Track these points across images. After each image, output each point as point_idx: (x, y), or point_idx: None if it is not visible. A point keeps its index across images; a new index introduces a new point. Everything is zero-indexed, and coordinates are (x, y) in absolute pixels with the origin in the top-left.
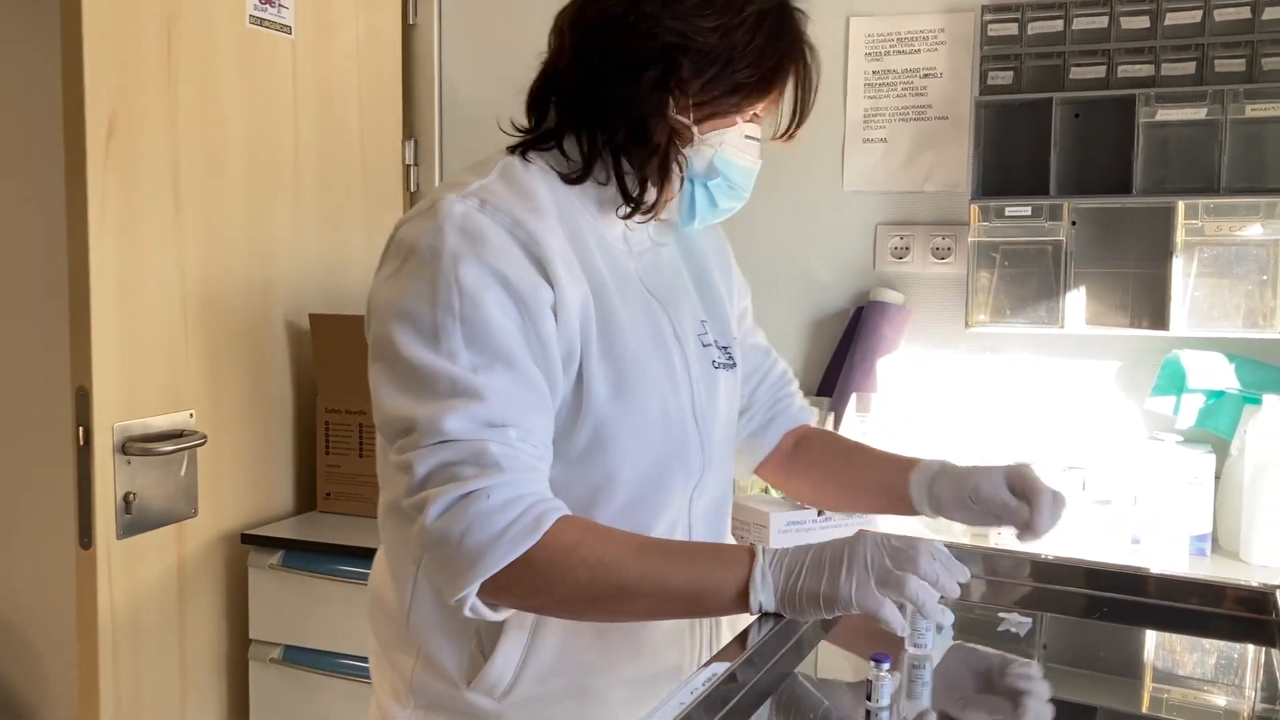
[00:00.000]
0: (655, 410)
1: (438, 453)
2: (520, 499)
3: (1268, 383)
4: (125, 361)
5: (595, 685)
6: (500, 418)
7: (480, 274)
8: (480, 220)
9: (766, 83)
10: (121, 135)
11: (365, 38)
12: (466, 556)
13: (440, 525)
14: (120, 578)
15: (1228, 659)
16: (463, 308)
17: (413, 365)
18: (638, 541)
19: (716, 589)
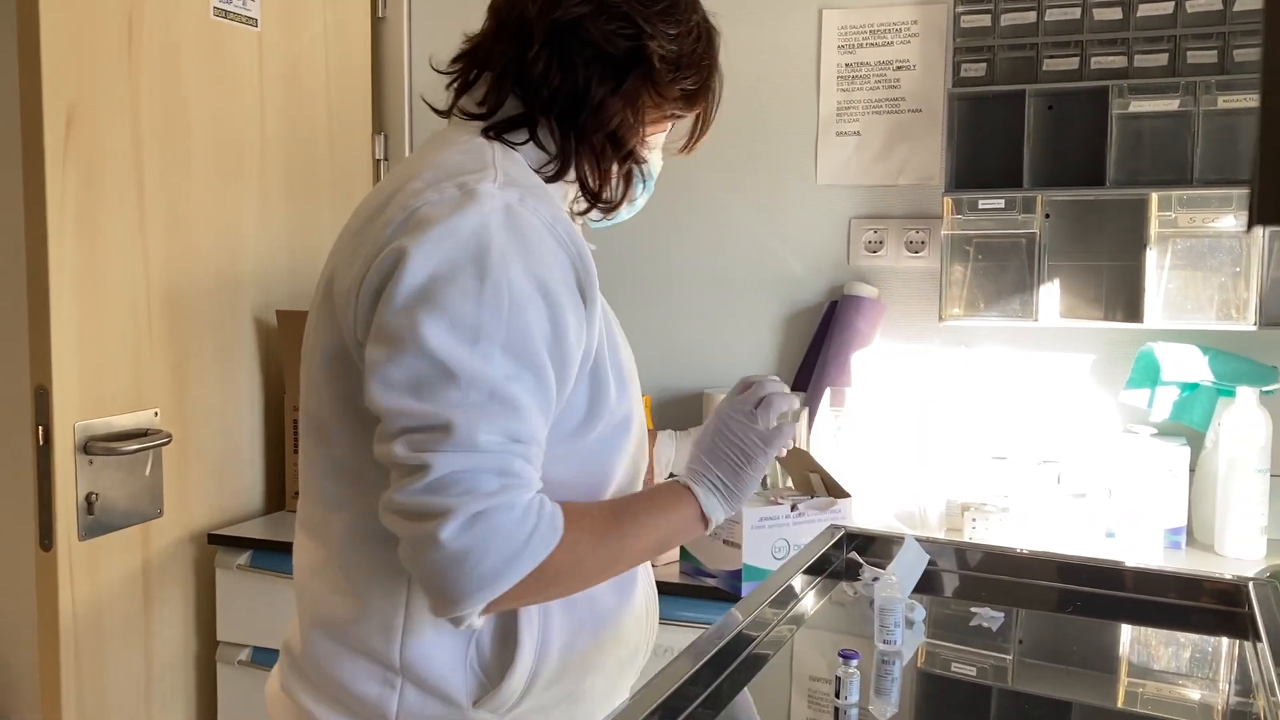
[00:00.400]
0: (638, 407)
1: (462, 460)
2: (532, 503)
3: (1241, 375)
4: (86, 360)
5: (584, 683)
6: (528, 433)
7: (527, 279)
8: (524, 217)
9: (703, 91)
10: (81, 128)
11: (333, 31)
12: (489, 574)
13: (458, 540)
14: (83, 580)
15: (1202, 652)
16: (510, 314)
17: (445, 364)
18: (611, 512)
19: (679, 529)
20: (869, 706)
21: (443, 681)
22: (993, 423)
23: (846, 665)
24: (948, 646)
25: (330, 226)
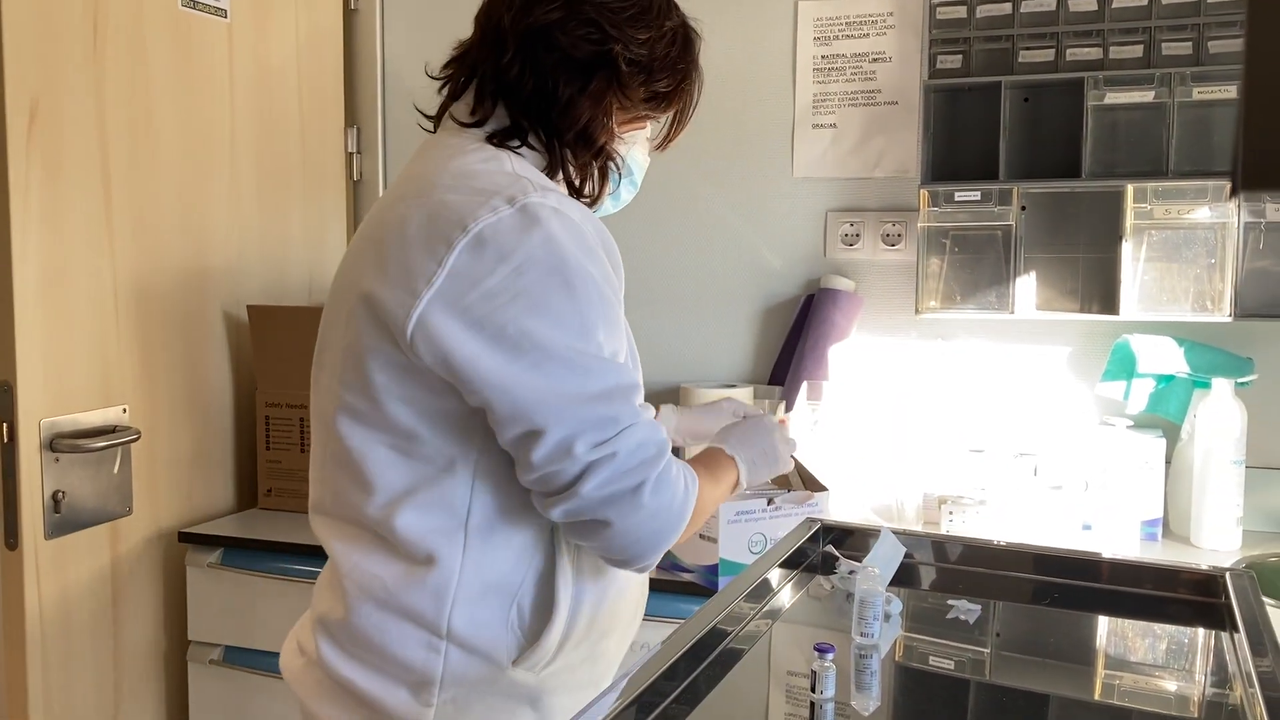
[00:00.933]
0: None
1: (632, 436)
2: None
3: (1217, 366)
4: (52, 355)
5: (603, 643)
6: (642, 399)
7: (596, 270)
8: (569, 219)
9: (677, 93)
10: (45, 120)
11: (305, 23)
12: (676, 517)
13: (656, 500)
14: (49, 579)
15: (1178, 643)
16: (601, 303)
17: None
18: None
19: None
20: (850, 701)
21: (487, 643)
22: (969, 415)
23: (822, 659)
24: (925, 639)
25: (301, 220)
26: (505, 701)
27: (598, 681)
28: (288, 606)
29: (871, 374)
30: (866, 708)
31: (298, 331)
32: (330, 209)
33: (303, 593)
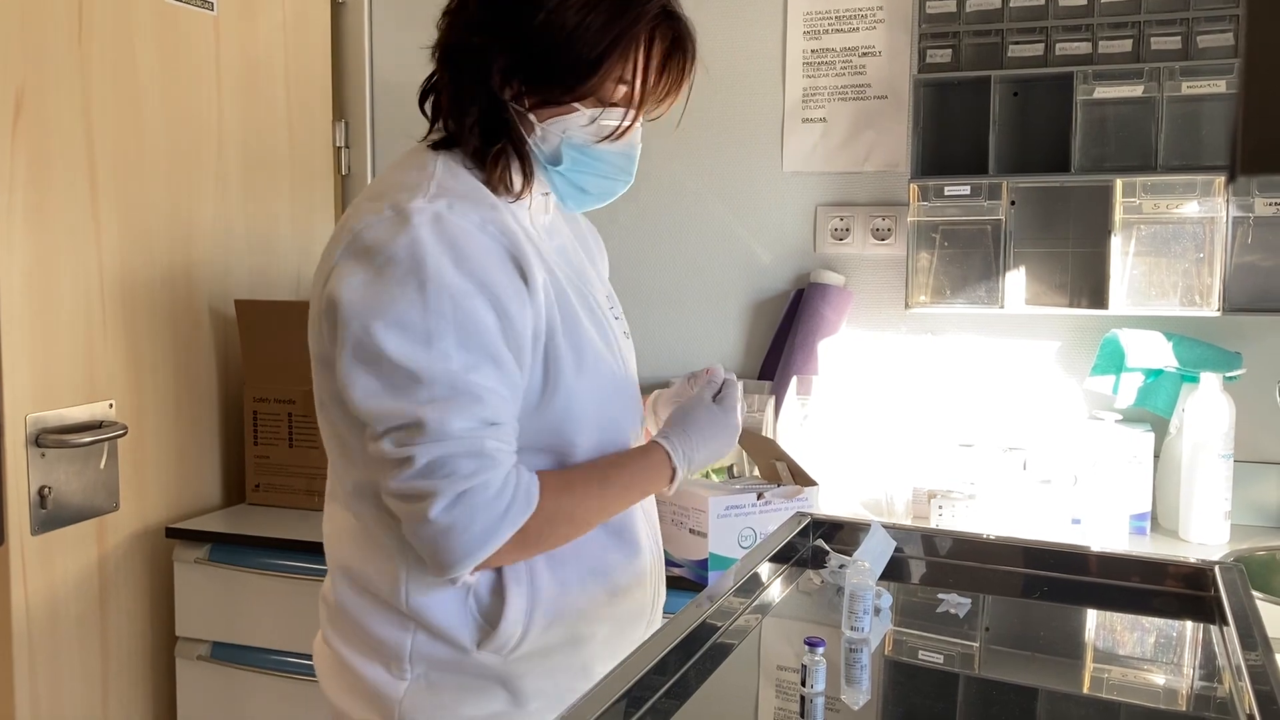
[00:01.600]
0: (607, 379)
1: (440, 448)
2: (508, 480)
3: (1205, 361)
4: (38, 350)
5: (584, 630)
6: (495, 416)
7: (463, 281)
8: (454, 224)
9: (593, 69)
10: (30, 112)
11: (292, 16)
12: (474, 542)
13: (450, 517)
14: (36, 575)
15: (1167, 637)
16: (455, 313)
17: (403, 365)
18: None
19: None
20: (840, 695)
21: (448, 627)
22: (959, 410)
23: (812, 653)
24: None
25: (289, 215)
26: (475, 680)
27: (587, 666)
28: (276, 602)
29: (861, 369)
30: (856, 702)
31: (285, 326)
32: (318, 203)
33: (291, 588)
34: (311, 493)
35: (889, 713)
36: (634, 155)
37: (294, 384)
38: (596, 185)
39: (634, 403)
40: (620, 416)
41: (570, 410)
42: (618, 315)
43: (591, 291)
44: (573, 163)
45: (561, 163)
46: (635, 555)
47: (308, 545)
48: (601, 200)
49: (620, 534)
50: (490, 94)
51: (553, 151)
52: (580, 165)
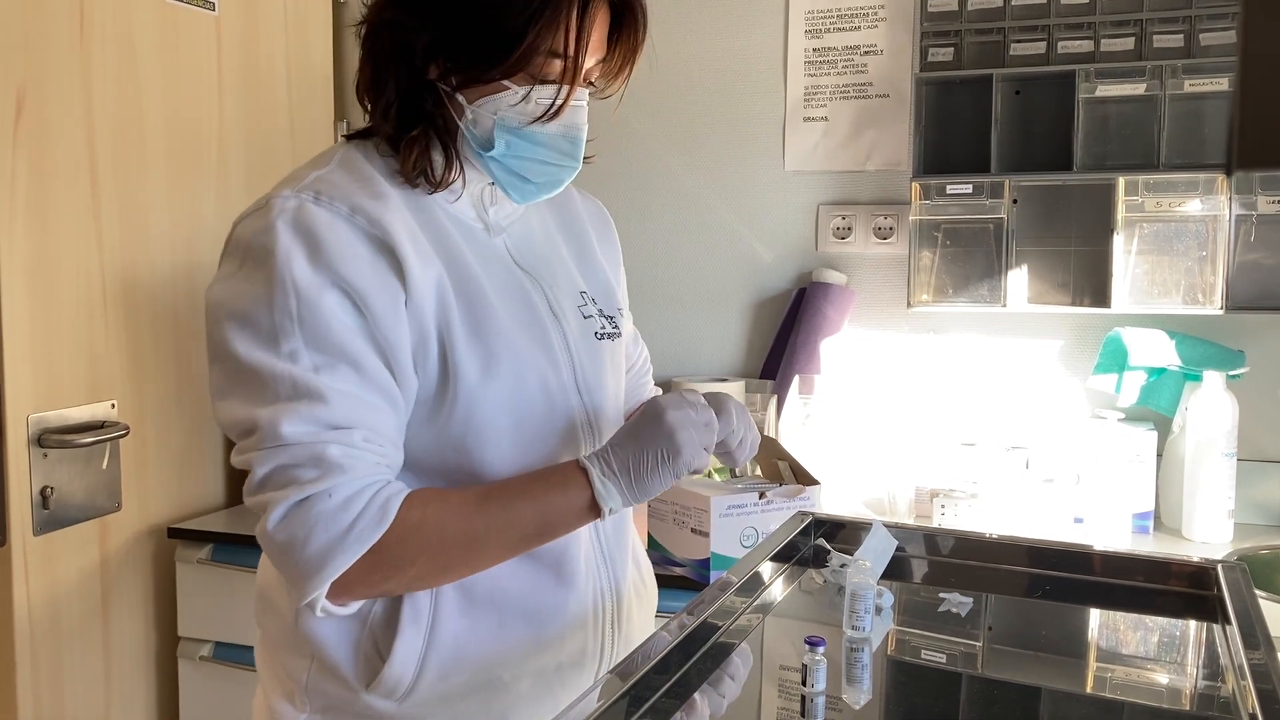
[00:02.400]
0: (534, 387)
1: (276, 456)
2: (362, 493)
3: (1208, 359)
4: (39, 350)
5: (500, 677)
6: (344, 419)
7: (315, 275)
8: (315, 214)
9: (518, 38)
10: (31, 112)
11: (294, 15)
12: (313, 560)
13: (282, 530)
14: (38, 575)
15: (1170, 636)
16: (300, 309)
17: (251, 368)
18: (477, 494)
19: (564, 513)
20: (842, 695)
21: (337, 661)
22: (961, 409)
23: (813, 652)
24: (917, 633)
25: None
26: None
27: None
28: None
29: (863, 368)
30: (858, 701)
31: None
32: None
33: None
34: None
35: (891, 712)
36: (578, 138)
37: None
38: (537, 171)
39: (567, 418)
40: (547, 431)
41: (472, 421)
42: (589, 315)
43: (548, 289)
44: (508, 147)
45: (495, 147)
46: (571, 594)
47: None
48: (547, 190)
49: (555, 568)
50: (411, 74)
51: (485, 136)
52: (517, 149)
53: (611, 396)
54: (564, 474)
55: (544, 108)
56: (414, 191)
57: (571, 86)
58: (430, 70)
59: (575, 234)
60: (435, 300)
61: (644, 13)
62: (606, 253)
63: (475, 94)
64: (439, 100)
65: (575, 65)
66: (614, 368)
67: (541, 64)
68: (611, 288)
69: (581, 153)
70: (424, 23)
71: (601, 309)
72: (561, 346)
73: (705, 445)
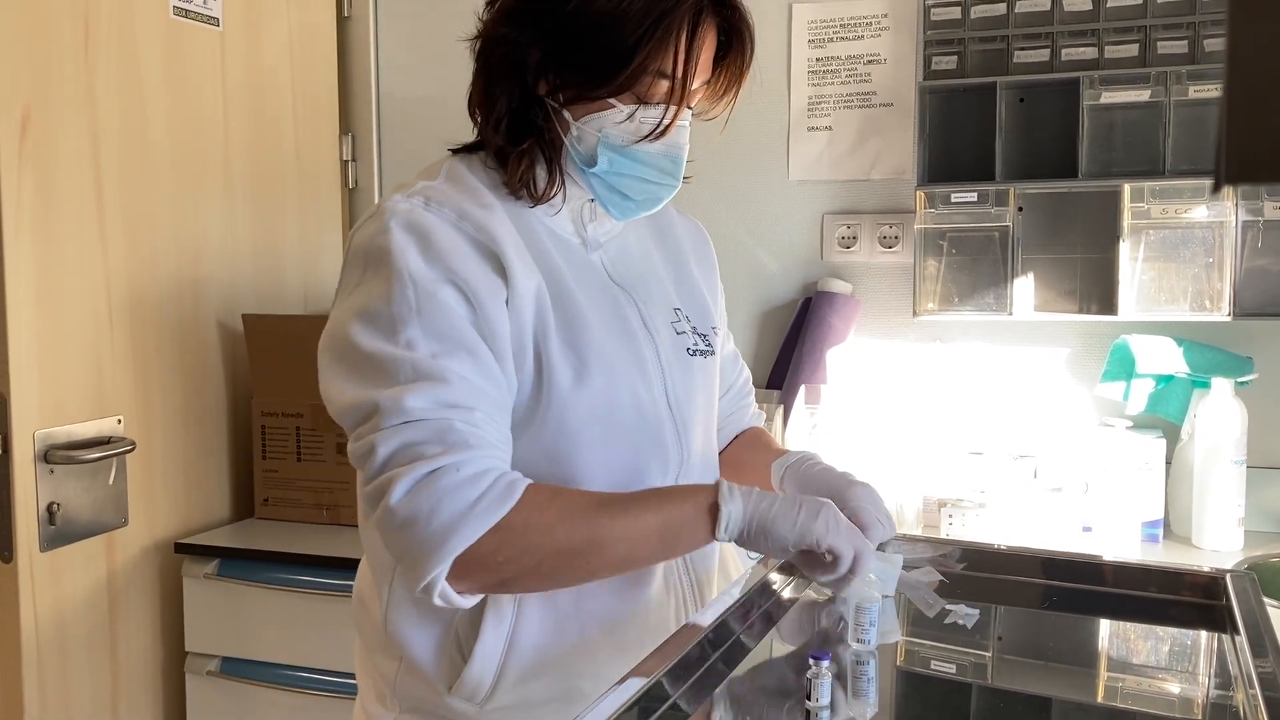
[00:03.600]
0: (625, 398)
1: (401, 433)
2: (489, 471)
3: (1216, 366)
4: (46, 366)
5: (580, 687)
6: (464, 400)
7: (430, 269)
8: (426, 217)
9: (627, 59)
10: (37, 130)
11: (298, 30)
12: (438, 533)
13: (407, 504)
14: (45, 592)
15: (1181, 646)
16: (419, 300)
17: (371, 356)
18: (600, 497)
19: (689, 519)
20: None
21: (423, 662)
22: (968, 418)
23: (817, 666)
24: (925, 644)
25: (297, 228)
26: None
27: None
28: (285, 617)
29: (870, 377)
30: (863, 714)
31: (293, 340)
32: (325, 217)
33: (300, 602)
34: (320, 506)
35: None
36: (679, 157)
37: (302, 398)
38: (638, 189)
39: (657, 431)
40: (636, 442)
41: (564, 428)
42: (681, 331)
43: (642, 305)
44: (610, 164)
45: (598, 164)
46: (651, 604)
47: (317, 559)
48: (646, 207)
49: (634, 578)
50: (522, 89)
51: (589, 152)
52: (619, 167)
53: (701, 412)
54: (691, 488)
55: (649, 128)
56: (516, 204)
57: (679, 108)
58: (540, 86)
59: (672, 253)
60: (534, 307)
61: (752, 37)
62: (703, 272)
63: (582, 111)
64: (546, 115)
65: (683, 87)
66: (705, 384)
67: (649, 84)
68: (706, 306)
69: (682, 172)
70: (536, 39)
71: (695, 326)
72: (653, 360)
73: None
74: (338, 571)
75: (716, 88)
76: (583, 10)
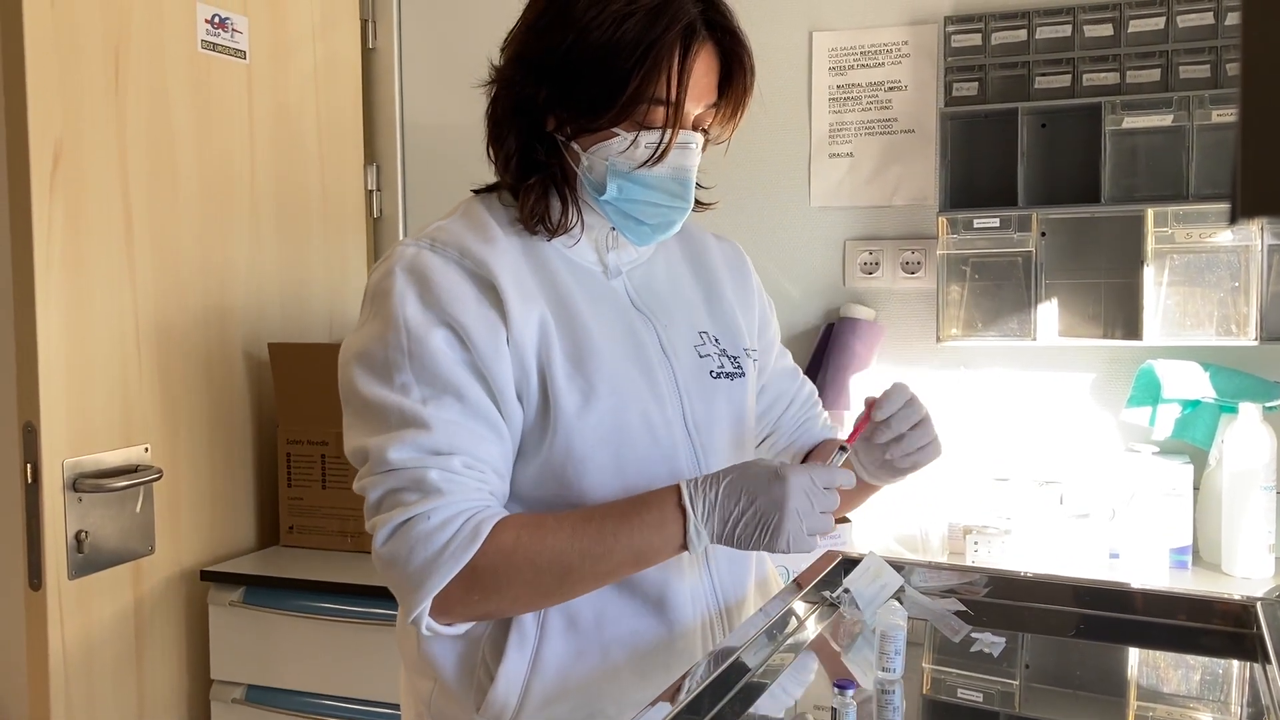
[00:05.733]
0: (636, 420)
1: (385, 481)
2: (458, 515)
3: (1243, 391)
4: (74, 396)
5: (604, 709)
6: (446, 446)
7: (425, 313)
8: (429, 260)
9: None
10: (68, 164)
11: (324, 62)
12: (414, 577)
13: (388, 550)
14: (73, 619)
15: (1212, 674)
16: (410, 345)
17: (368, 401)
18: (572, 521)
19: (657, 548)
20: None
21: (452, 682)
22: (993, 444)
23: (843, 695)
24: (951, 672)
25: (322, 258)
26: None
27: None
28: (311, 644)
29: None
30: None
31: (318, 369)
32: (350, 246)
33: (326, 630)
34: (345, 534)
35: None
36: (686, 180)
37: (327, 426)
38: (649, 213)
39: (672, 454)
40: (649, 465)
41: (572, 452)
42: (705, 354)
43: (662, 329)
44: (619, 191)
45: (607, 191)
46: (675, 628)
47: (342, 587)
48: (661, 230)
49: (656, 603)
50: (530, 128)
51: (599, 181)
52: (628, 193)
53: (727, 433)
54: (661, 509)
55: (650, 152)
56: (532, 238)
57: (674, 131)
58: (549, 123)
59: (705, 277)
60: (537, 335)
61: (750, 60)
62: (740, 295)
63: (589, 142)
64: (557, 151)
65: (677, 111)
66: (731, 406)
67: (646, 111)
68: (738, 328)
69: (691, 194)
70: (541, 79)
71: (724, 349)
72: (669, 383)
73: (813, 532)
74: (363, 599)
75: (723, 112)
76: (580, 44)
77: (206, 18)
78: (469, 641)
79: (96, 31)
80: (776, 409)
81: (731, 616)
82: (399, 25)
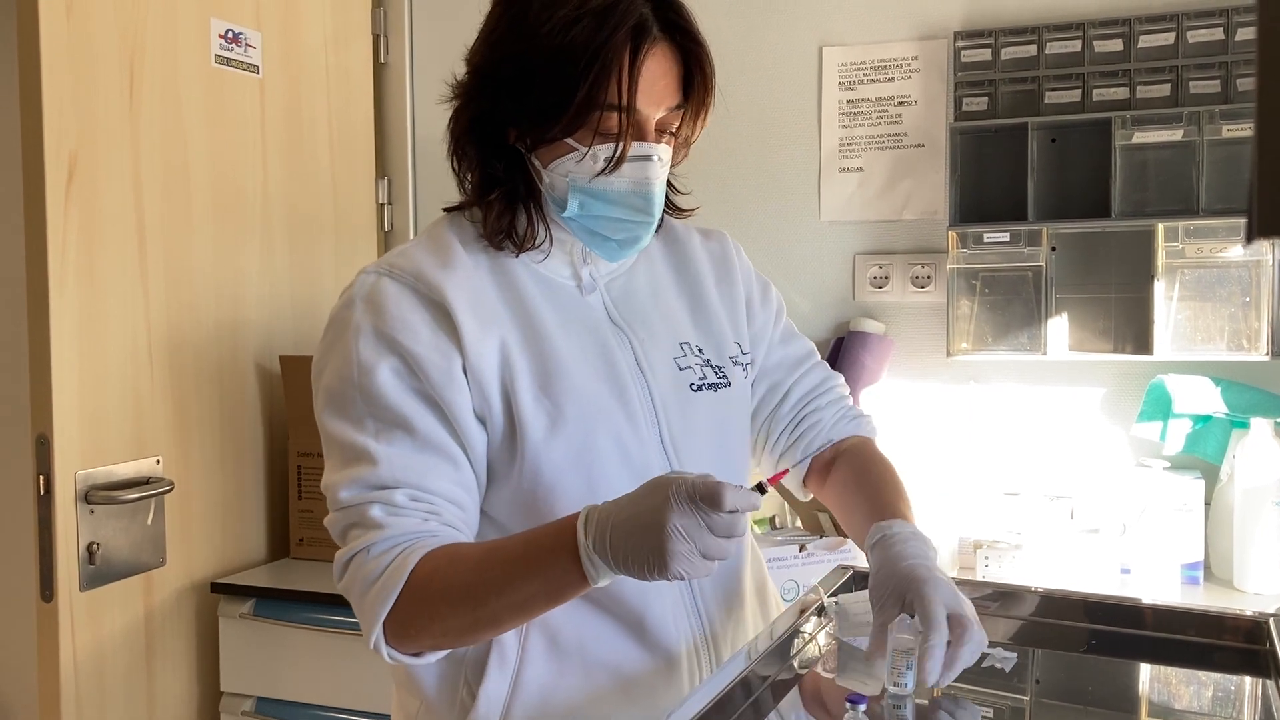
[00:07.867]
0: (606, 443)
1: (340, 519)
2: (393, 548)
3: (1255, 405)
4: (87, 408)
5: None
6: (390, 480)
7: (376, 344)
8: (385, 287)
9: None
10: (82, 177)
11: (336, 77)
12: (362, 611)
13: (343, 585)
14: (84, 631)
15: (1224, 691)
16: (360, 379)
17: (329, 436)
18: (477, 557)
19: (562, 587)
20: None
21: (437, 701)
22: (1003, 458)
23: (854, 710)
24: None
25: (333, 271)
26: None
27: None
28: (320, 657)
29: (903, 417)
30: None
31: None
32: (362, 260)
33: (335, 643)
34: None
35: None
36: (648, 194)
37: None
38: (614, 229)
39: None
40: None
41: (540, 478)
42: (685, 366)
43: (638, 344)
44: (581, 206)
45: (568, 208)
46: (655, 649)
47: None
48: (629, 246)
49: (635, 624)
50: (491, 142)
51: (561, 197)
52: (590, 208)
53: (708, 448)
54: (557, 543)
55: (606, 163)
56: (499, 255)
57: (627, 138)
58: (510, 135)
59: (690, 282)
60: (498, 359)
61: (709, 60)
62: (724, 290)
63: (548, 156)
64: (521, 164)
65: (628, 117)
66: (714, 419)
67: (599, 119)
68: (725, 334)
69: (656, 207)
70: (498, 90)
71: (708, 359)
72: (644, 400)
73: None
74: None
75: (689, 114)
76: (532, 50)
77: (220, 32)
78: (452, 661)
79: (111, 46)
80: (766, 407)
81: (719, 640)
82: (411, 40)
